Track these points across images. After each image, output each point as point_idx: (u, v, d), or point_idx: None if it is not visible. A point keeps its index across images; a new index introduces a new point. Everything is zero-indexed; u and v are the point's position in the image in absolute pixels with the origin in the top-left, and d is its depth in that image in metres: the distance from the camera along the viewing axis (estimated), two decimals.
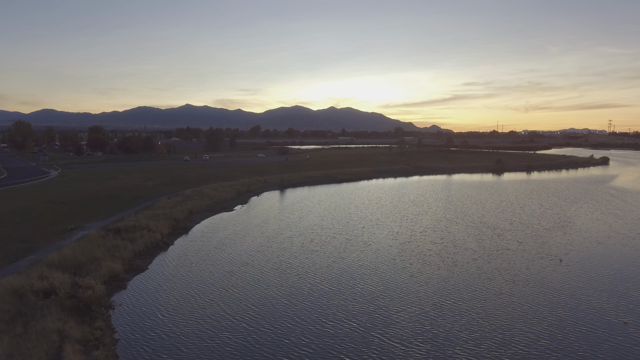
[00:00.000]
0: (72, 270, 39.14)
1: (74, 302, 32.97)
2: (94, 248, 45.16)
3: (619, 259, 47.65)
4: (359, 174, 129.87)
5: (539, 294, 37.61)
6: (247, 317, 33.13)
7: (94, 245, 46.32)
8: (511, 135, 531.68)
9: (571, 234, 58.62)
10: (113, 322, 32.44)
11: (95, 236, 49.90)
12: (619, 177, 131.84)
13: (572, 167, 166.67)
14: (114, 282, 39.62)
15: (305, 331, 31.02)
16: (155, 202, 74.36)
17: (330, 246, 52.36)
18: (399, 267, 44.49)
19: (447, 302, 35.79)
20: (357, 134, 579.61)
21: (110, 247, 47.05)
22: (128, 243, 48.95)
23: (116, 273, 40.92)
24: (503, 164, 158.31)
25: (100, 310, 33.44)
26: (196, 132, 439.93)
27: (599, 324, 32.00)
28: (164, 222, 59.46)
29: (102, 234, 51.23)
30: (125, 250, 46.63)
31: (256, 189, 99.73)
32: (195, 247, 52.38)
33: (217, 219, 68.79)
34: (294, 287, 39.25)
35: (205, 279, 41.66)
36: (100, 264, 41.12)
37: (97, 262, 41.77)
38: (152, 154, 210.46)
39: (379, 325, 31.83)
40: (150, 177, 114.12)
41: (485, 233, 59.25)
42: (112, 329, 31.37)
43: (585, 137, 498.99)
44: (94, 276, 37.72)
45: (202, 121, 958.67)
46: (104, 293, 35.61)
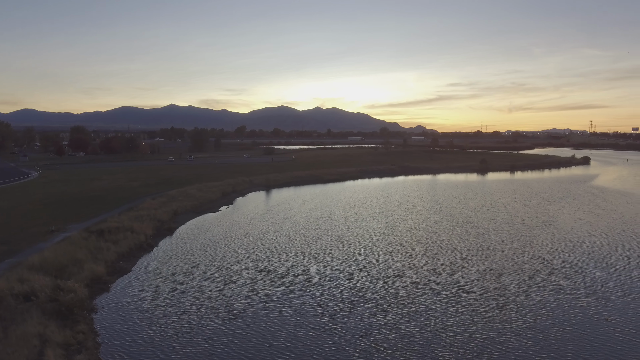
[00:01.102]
0: (53, 273, 38.38)
1: (56, 306, 32.31)
2: (76, 250, 44.36)
3: (600, 258, 48.46)
4: (345, 174, 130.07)
5: (523, 294, 38.02)
6: (231, 321, 32.84)
7: (76, 247, 45.51)
8: (495, 135, 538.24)
9: (554, 233, 59.44)
10: (96, 325, 31.88)
11: (78, 238, 49.05)
12: (600, 177, 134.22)
13: (555, 167, 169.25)
14: (96, 284, 38.96)
15: (289, 334, 30.84)
16: (139, 203, 73.44)
17: (315, 247, 52.27)
18: (383, 268, 44.57)
19: (433, 303, 35.96)
20: (343, 134, 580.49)
21: (92, 249, 46.25)
22: (111, 245, 48.23)
23: (99, 275, 40.25)
24: (487, 164, 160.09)
25: (82, 314, 32.81)
26: (181, 132, 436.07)
27: (582, 322, 32.46)
28: (148, 223, 58.73)
29: (84, 236, 50.37)
30: (109, 252, 45.92)
31: (242, 190, 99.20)
32: (179, 249, 51.84)
33: (202, 220, 68.22)
34: (278, 290, 39.04)
35: (189, 281, 41.23)
36: (82, 267, 40.41)
37: (80, 264, 41.03)
38: (136, 155, 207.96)
39: (363, 327, 31.79)
40: (134, 177, 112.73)
41: (470, 233, 59.75)
42: (95, 332, 30.83)
43: (567, 137, 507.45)
44: (76, 279, 37.05)
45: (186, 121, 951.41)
46: (87, 296, 34.98)
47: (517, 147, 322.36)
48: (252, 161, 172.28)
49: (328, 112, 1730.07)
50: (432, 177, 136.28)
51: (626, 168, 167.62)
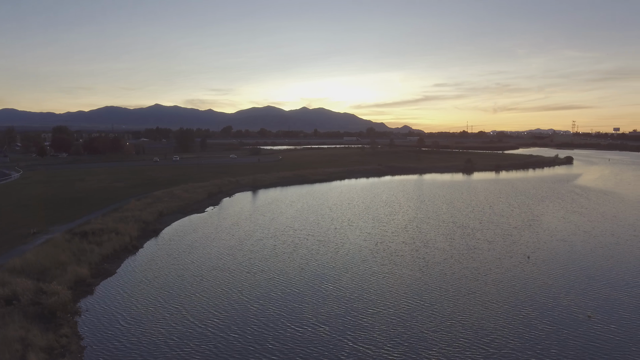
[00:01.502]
0: (35, 276, 37.76)
1: (38, 309, 31.81)
2: (58, 252, 43.67)
3: (582, 256, 49.20)
4: (332, 174, 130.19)
5: (508, 292, 38.42)
6: (217, 323, 32.61)
7: (58, 249, 44.80)
8: (480, 135, 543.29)
9: (538, 232, 60.19)
10: (80, 328, 31.43)
11: (60, 240, 48.30)
12: (583, 176, 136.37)
13: (539, 167, 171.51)
14: (80, 287, 38.41)
15: (276, 336, 30.73)
16: (124, 204, 72.59)
17: (302, 248, 52.19)
18: (370, 269, 44.68)
19: (419, 303, 36.15)
20: (330, 135, 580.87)
21: (76, 251, 45.59)
22: (95, 247, 47.58)
23: (83, 278, 39.70)
24: (473, 163, 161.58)
25: (66, 317, 32.31)
26: (166, 132, 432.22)
27: (566, 320, 32.92)
28: (133, 224, 58.08)
29: (67, 238, 49.62)
30: (92, 254, 45.29)
31: (228, 190, 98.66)
32: (165, 250, 51.34)
33: (188, 221, 67.67)
34: (264, 291, 38.88)
35: (174, 283, 40.85)
36: (65, 269, 39.80)
37: (63, 266, 40.42)
38: (120, 155, 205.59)
39: (351, 328, 31.82)
40: (119, 178, 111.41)
41: (455, 232, 60.21)
42: (79, 336, 30.37)
43: (551, 137, 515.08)
44: (59, 281, 36.50)
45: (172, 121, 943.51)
46: (70, 299, 34.45)
47: (501, 147, 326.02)
48: (238, 161, 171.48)
49: (315, 112, 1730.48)
50: (418, 176, 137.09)
51: (608, 167, 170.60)
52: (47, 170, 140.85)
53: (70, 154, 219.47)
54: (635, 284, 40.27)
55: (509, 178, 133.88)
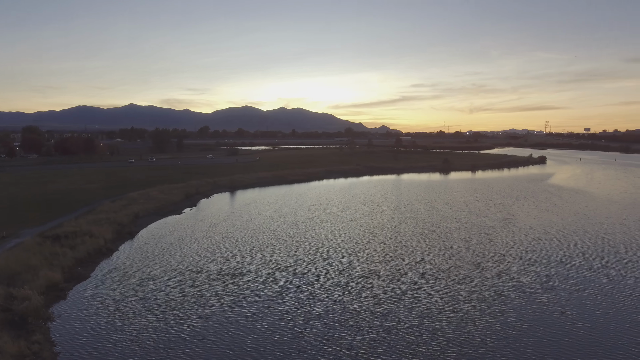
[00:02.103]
0: (5, 281, 36.62)
1: (8, 315, 30.88)
2: (29, 256, 42.41)
3: (556, 254, 50.34)
4: (310, 174, 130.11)
5: (484, 291, 38.98)
6: (193, 327, 32.09)
7: (29, 253, 43.51)
8: (457, 135, 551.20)
9: (514, 231, 61.31)
10: (52, 334, 30.59)
11: (31, 243, 46.91)
12: (556, 175, 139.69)
13: (513, 166, 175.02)
14: (52, 292, 37.40)
15: (254, 339, 30.47)
16: (98, 206, 71.03)
17: (280, 250, 51.92)
18: (349, 270, 44.74)
19: (397, 304, 36.34)
20: (308, 135, 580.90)
21: (48, 254, 44.36)
22: (68, 250, 46.40)
23: (55, 282, 38.63)
24: (450, 163, 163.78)
25: (37, 323, 31.44)
26: (141, 132, 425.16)
27: (540, 316, 33.59)
28: (107, 227, 56.87)
29: (38, 241, 48.24)
30: (65, 258, 44.16)
31: (205, 191, 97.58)
32: (141, 253, 50.41)
33: (165, 223, 66.63)
34: (242, 294, 38.50)
35: (150, 287, 40.13)
36: (37, 273, 38.69)
37: (34, 271, 39.28)
38: (94, 156, 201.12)
39: (329, 330, 31.77)
40: (92, 180, 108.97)
41: (433, 232, 60.85)
42: (52, 342, 29.56)
43: (525, 137, 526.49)
44: (31, 286, 35.43)
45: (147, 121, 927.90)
46: (42, 304, 33.51)
47: (477, 147, 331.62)
48: (216, 162, 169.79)
49: (293, 112, 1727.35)
50: (396, 176, 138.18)
51: (579, 167, 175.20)
52: (16, 171, 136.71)
53: (40, 154, 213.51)
54: (605, 281, 41.39)
55: (485, 177, 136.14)
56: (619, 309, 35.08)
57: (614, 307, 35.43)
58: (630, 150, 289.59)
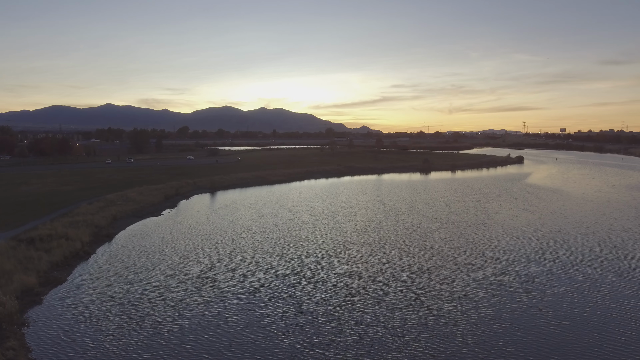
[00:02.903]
0: None
1: None
2: (3, 260, 41.26)
3: (533, 252, 51.24)
4: (291, 175, 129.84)
5: (464, 290, 39.40)
6: (172, 332, 31.57)
7: (3, 257, 42.33)
8: (437, 135, 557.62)
9: (493, 230, 62.19)
10: (28, 340, 29.83)
11: (5, 247, 45.64)
12: (533, 175, 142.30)
13: (492, 166, 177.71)
14: (27, 297, 36.51)
15: (234, 343, 30.13)
16: (74, 209, 69.54)
17: (261, 251, 51.58)
18: (330, 271, 44.71)
19: (379, 305, 36.43)
20: (289, 135, 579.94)
21: (22, 258, 43.23)
22: (43, 254, 45.30)
23: (30, 287, 37.73)
24: (430, 163, 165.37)
25: (12, 329, 30.64)
26: (119, 133, 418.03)
27: (519, 314, 34.12)
28: (84, 229, 55.74)
29: (12, 245, 46.97)
30: (41, 262, 43.11)
31: (185, 192, 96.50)
32: (119, 256, 49.51)
33: (144, 225, 65.60)
34: (222, 297, 38.07)
35: (128, 291, 39.44)
36: (11, 278, 37.68)
37: (8, 275, 38.25)
38: (69, 157, 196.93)
39: (310, 333, 31.65)
40: (68, 181, 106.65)
41: (414, 232, 61.30)
42: (27, 348, 28.82)
43: (503, 137, 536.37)
44: (5, 291, 34.48)
45: (125, 121, 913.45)
46: (17, 309, 32.67)
47: (457, 147, 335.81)
48: (196, 163, 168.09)
49: (273, 112, 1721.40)
50: (377, 177, 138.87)
51: (555, 166, 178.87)
52: None
53: (13, 155, 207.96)
54: (581, 279, 42.27)
55: (464, 177, 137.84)
56: (594, 306, 35.85)
57: (590, 304, 36.20)
58: (603, 150, 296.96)
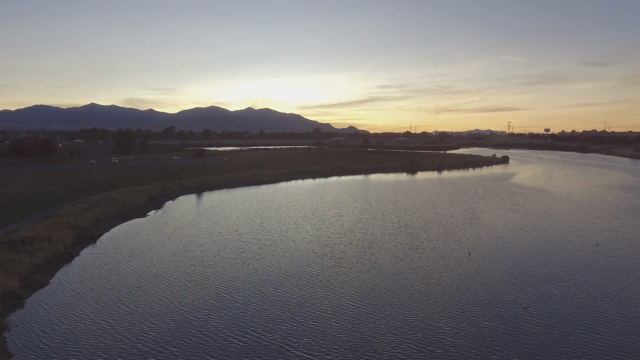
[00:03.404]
0: None
1: None
2: None
3: (517, 251, 51.75)
4: (278, 175, 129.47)
5: (451, 290, 39.57)
6: (157, 335, 31.22)
7: None
8: (423, 136, 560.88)
9: (478, 230, 62.65)
10: (9, 345, 29.27)
11: None
12: (518, 175, 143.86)
13: (478, 166, 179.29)
14: (9, 300, 35.84)
15: (220, 346, 29.89)
16: (57, 210, 68.44)
17: (247, 253, 51.25)
18: (317, 272, 44.60)
19: (366, 306, 36.42)
20: (276, 135, 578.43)
21: (3, 261, 42.42)
22: (25, 256, 44.46)
23: (11, 290, 37.02)
24: (417, 163, 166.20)
25: None
26: (103, 133, 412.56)
27: (504, 312, 34.40)
28: (67, 231, 54.85)
29: None
30: (22, 265, 42.33)
31: (171, 193, 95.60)
32: (103, 258, 48.79)
33: (128, 227, 64.77)
34: (208, 300, 37.72)
35: (113, 293, 38.86)
36: None
37: None
38: (52, 157, 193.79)
39: (297, 334, 31.55)
40: (51, 182, 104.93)
41: (401, 232, 61.47)
42: (8, 353, 28.27)
43: (489, 137, 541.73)
44: None
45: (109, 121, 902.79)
46: None
47: (443, 147, 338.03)
48: (182, 163, 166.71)
49: (260, 112, 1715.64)
50: (364, 177, 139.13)
51: (540, 166, 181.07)
52: None
53: None
54: (565, 277, 42.79)
55: (450, 177, 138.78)
56: (578, 304, 36.30)
57: (573, 302, 36.64)
58: (586, 150, 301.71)
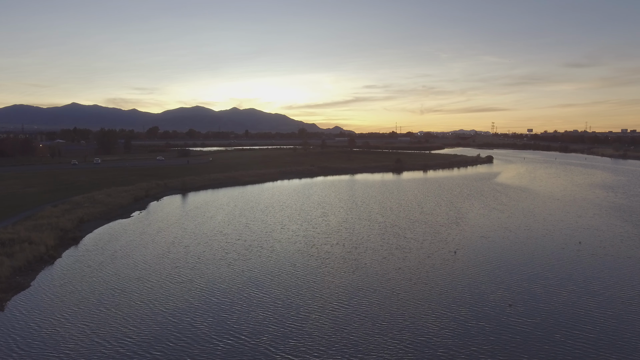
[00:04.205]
0: None
1: None
2: None
3: (501, 250, 52.24)
4: (264, 175, 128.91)
5: (437, 289, 39.70)
6: (142, 339, 30.65)
7: None
8: (409, 136, 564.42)
9: (464, 229, 63.08)
10: None
11: None
12: (502, 174, 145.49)
13: (463, 166, 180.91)
14: None
15: (204, 349, 29.46)
16: (38, 212, 67.03)
17: (233, 254, 50.74)
18: (303, 273, 44.36)
19: (352, 307, 36.29)
20: (261, 135, 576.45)
21: None
22: (5, 258, 43.42)
23: None
24: (402, 163, 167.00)
25: None
26: (85, 133, 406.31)
27: (490, 310, 34.62)
28: (49, 232, 53.78)
29: None
30: (2, 267, 41.35)
31: (155, 194, 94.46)
32: (85, 260, 47.90)
33: (112, 228, 63.76)
34: (193, 302, 37.19)
35: (95, 296, 38.15)
36: None
37: None
38: (32, 158, 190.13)
39: (284, 336, 31.30)
40: (31, 183, 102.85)
41: (387, 232, 61.58)
42: None
43: (473, 137, 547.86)
44: None
45: (91, 121, 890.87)
46: None
47: (428, 147, 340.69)
48: (166, 164, 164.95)
49: (246, 112, 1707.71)
50: (350, 177, 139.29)
51: (523, 166, 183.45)
52: None
53: None
54: (546, 275, 43.28)
55: (436, 177, 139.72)
56: (562, 301, 36.72)
57: (557, 299, 37.05)
58: (568, 150, 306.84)
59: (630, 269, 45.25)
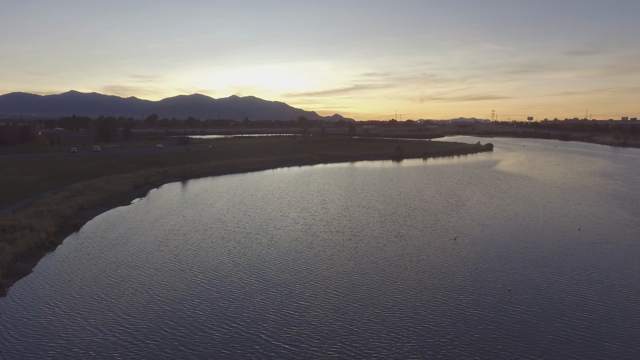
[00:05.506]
0: None
1: None
2: None
3: (502, 237, 52.34)
4: (264, 163, 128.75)
5: (437, 276, 39.85)
6: (142, 325, 30.71)
7: None
8: (408, 124, 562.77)
9: (464, 217, 63.14)
10: None
11: None
12: (502, 162, 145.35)
13: (463, 153, 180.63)
14: None
15: (204, 337, 29.53)
16: (38, 199, 67.08)
17: (232, 242, 50.73)
18: (303, 261, 44.40)
19: (352, 295, 36.34)
20: (261, 123, 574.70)
21: None
22: (6, 245, 43.56)
23: None
24: (402, 151, 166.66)
25: None
26: (84, 121, 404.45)
27: (489, 296, 34.80)
28: (49, 219, 53.88)
29: None
30: (3, 253, 41.50)
31: (155, 181, 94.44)
32: (86, 246, 48.02)
33: (112, 215, 63.83)
34: (193, 289, 37.12)
35: (97, 282, 38.28)
36: None
37: None
38: (31, 146, 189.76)
39: (284, 325, 31.39)
40: (31, 171, 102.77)
41: (387, 219, 61.66)
42: None
43: (473, 125, 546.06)
44: None
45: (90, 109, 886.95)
46: None
47: (428, 135, 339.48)
48: (166, 151, 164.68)
49: (245, 100, 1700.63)
50: (350, 164, 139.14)
51: (523, 154, 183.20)
52: None
53: None
54: (546, 262, 43.42)
55: (436, 165, 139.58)
56: (562, 288, 36.89)
57: (557, 286, 37.22)
58: (568, 138, 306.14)
59: (630, 256, 45.39)
